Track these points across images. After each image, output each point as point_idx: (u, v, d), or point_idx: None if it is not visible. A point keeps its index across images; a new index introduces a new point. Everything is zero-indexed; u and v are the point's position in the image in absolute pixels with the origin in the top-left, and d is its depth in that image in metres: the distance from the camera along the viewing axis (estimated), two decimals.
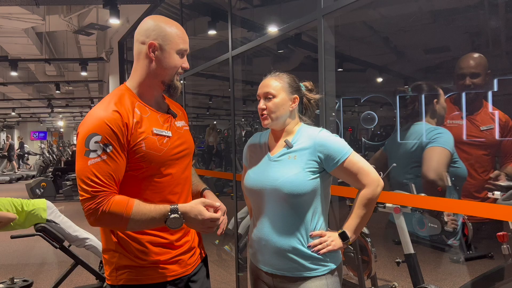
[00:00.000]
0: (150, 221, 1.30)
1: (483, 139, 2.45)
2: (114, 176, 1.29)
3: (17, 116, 21.21)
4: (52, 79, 11.54)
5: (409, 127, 2.63)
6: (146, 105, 1.41)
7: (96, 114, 1.31)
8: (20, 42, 7.93)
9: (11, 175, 15.15)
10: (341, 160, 1.44)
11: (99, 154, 1.26)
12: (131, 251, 1.39)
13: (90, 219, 1.28)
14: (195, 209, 1.32)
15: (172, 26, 1.41)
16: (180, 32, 1.41)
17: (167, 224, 1.30)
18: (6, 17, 6.25)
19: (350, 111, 11.42)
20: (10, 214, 3.41)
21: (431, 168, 2.35)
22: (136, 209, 1.28)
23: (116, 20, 4.88)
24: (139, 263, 1.39)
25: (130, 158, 1.33)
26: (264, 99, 1.53)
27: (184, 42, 1.41)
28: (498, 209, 1.71)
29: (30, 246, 5.47)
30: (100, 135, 1.27)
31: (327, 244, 1.44)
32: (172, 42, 1.39)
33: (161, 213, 1.30)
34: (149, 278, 1.39)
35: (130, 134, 1.32)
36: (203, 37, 5.60)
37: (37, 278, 4.20)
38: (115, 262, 1.40)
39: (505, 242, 2.01)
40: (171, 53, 1.39)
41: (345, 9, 2.10)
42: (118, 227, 1.33)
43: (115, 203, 1.27)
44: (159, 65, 1.39)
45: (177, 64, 1.41)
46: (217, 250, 4.82)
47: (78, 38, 8.30)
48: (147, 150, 1.34)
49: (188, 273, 1.47)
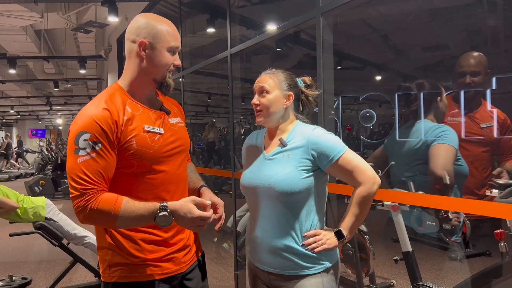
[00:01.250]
0: (139, 219, 1.30)
1: (484, 137, 2.46)
2: (103, 173, 1.29)
3: (16, 114, 21.18)
4: (50, 77, 11.52)
5: (411, 125, 2.64)
6: (138, 102, 1.41)
7: (86, 113, 1.32)
8: (18, 39, 7.92)
9: (10, 173, 15.11)
10: (335, 158, 1.43)
11: (88, 152, 1.27)
12: (124, 249, 1.39)
13: (79, 216, 1.28)
14: (184, 207, 1.31)
15: (163, 23, 1.40)
16: (171, 30, 1.41)
17: (156, 222, 1.30)
18: (5, 15, 6.23)
19: (349, 109, 11.43)
20: (13, 202, 3.45)
21: (439, 165, 2.35)
22: (125, 207, 1.28)
23: (115, 18, 4.87)
24: (132, 261, 1.39)
25: (121, 155, 1.34)
26: (258, 94, 1.53)
27: (175, 40, 1.41)
28: (496, 207, 1.72)
29: (29, 244, 5.48)
30: (89, 133, 1.28)
31: (322, 242, 1.44)
32: (163, 40, 1.38)
33: (150, 210, 1.29)
34: (142, 275, 1.39)
35: (120, 131, 1.32)
36: (202, 35, 5.60)
37: (36, 275, 4.20)
38: (108, 259, 1.41)
39: (502, 240, 2.01)
40: (162, 51, 1.39)
41: (344, 7, 2.10)
42: (108, 224, 1.34)
43: (103, 200, 1.27)
44: (150, 63, 1.39)
45: (168, 61, 1.41)
46: (216, 248, 4.83)
47: (76, 35, 8.29)
48: (138, 147, 1.34)
49: (182, 271, 1.47)
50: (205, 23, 5.03)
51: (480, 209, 1.79)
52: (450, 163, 2.31)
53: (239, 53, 3.22)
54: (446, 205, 2.02)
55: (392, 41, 6.73)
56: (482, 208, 1.78)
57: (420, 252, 3.95)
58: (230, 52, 3.19)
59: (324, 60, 2.16)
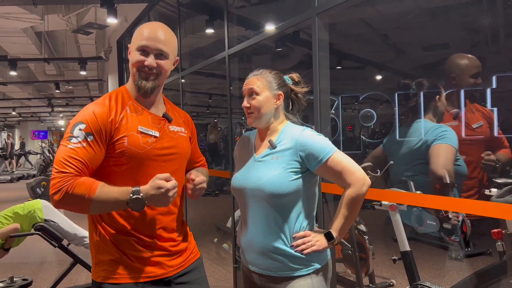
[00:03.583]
0: (113, 202, 1.31)
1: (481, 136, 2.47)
2: (88, 163, 1.33)
3: (18, 116, 21.24)
4: (52, 78, 11.56)
5: (411, 124, 2.64)
6: (140, 105, 1.45)
7: (88, 107, 1.40)
8: (19, 41, 7.94)
9: (11, 175, 15.17)
10: (324, 159, 1.42)
11: (80, 140, 1.33)
12: (109, 251, 1.41)
13: (53, 197, 1.29)
14: (154, 184, 1.32)
15: (143, 26, 1.45)
16: (147, 30, 1.42)
17: (129, 205, 1.31)
18: (5, 17, 6.25)
19: (350, 109, 11.42)
20: (12, 225, 3.44)
21: (439, 165, 2.36)
22: (100, 191, 1.30)
23: (114, 19, 4.89)
24: (116, 260, 1.41)
25: (111, 152, 1.37)
26: (248, 97, 1.53)
27: (144, 39, 1.40)
28: (493, 207, 1.71)
29: (30, 245, 5.47)
30: (85, 123, 1.34)
31: (311, 244, 1.43)
32: (134, 40, 1.43)
33: (124, 193, 1.31)
34: (126, 277, 1.41)
35: (114, 128, 1.37)
36: (201, 35, 5.61)
37: (36, 276, 4.21)
38: (95, 257, 1.45)
39: (499, 239, 2.01)
40: (133, 50, 1.43)
41: (341, 7, 2.10)
42: (82, 208, 1.33)
43: (80, 183, 1.29)
44: (130, 65, 1.45)
45: (135, 60, 1.41)
46: (216, 248, 4.83)
47: (77, 37, 8.30)
48: (128, 146, 1.38)
49: (169, 275, 1.47)
50: (204, 23, 5.04)
51: (477, 209, 1.79)
52: (450, 163, 2.32)
53: (238, 54, 3.23)
54: (444, 205, 2.02)
55: (392, 40, 6.73)
56: (480, 208, 1.77)
57: (420, 251, 3.95)
58: (228, 52, 3.20)
59: (319, 60, 2.16)
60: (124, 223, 1.42)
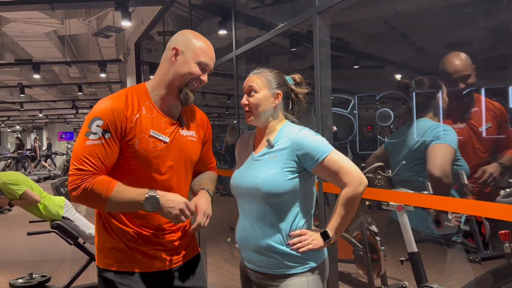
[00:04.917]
0: (128, 201, 1.38)
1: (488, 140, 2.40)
2: (105, 161, 1.39)
3: (45, 118, 21.84)
4: (75, 81, 11.83)
5: (411, 124, 2.60)
6: (155, 106, 1.49)
7: (106, 100, 1.44)
8: (42, 45, 8.16)
9: (39, 175, 15.62)
10: (320, 158, 1.43)
11: (98, 137, 1.37)
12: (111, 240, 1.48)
13: (72, 193, 1.36)
14: (175, 195, 1.41)
15: (200, 40, 1.50)
16: (205, 47, 1.49)
17: (144, 204, 1.37)
18: (27, 22, 6.45)
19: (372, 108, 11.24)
20: (36, 196, 3.66)
21: (436, 165, 2.32)
22: (117, 190, 1.36)
23: (128, 22, 4.98)
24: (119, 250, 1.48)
25: (124, 150, 1.42)
26: (247, 94, 1.55)
27: (206, 57, 1.48)
28: (498, 208, 1.67)
29: (51, 243, 5.64)
30: (103, 120, 1.38)
31: (307, 242, 1.44)
32: (194, 52, 1.47)
33: (140, 193, 1.37)
34: (125, 266, 1.47)
35: (129, 127, 1.41)
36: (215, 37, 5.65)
37: (55, 273, 4.34)
38: (99, 245, 1.52)
39: (507, 240, 1.95)
40: (190, 61, 1.46)
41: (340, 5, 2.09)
42: (98, 205, 1.42)
43: (98, 181, 1.35)
44: (177, 69, 1.47)
45: (193, 71, 1.47)
46: (229, 248, 4.86)
47: (98, 40, 8.47)
48: (138, 148, 1.42)
49: (165, 269, 1.53)
50: (217, 25, 5.08)
51: (482, 210, 1.75)
52: (448, 163, 2.27)
53: (245, 54, 3.24)
54: (451, 206, 1.97)
55: (411, 39, 6.60)
56: (485, 209, 1.73)
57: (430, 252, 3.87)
58: (236, 53, 3.22)
59: (320, 59, 2.15)
60: (126, 216, 1.48)
